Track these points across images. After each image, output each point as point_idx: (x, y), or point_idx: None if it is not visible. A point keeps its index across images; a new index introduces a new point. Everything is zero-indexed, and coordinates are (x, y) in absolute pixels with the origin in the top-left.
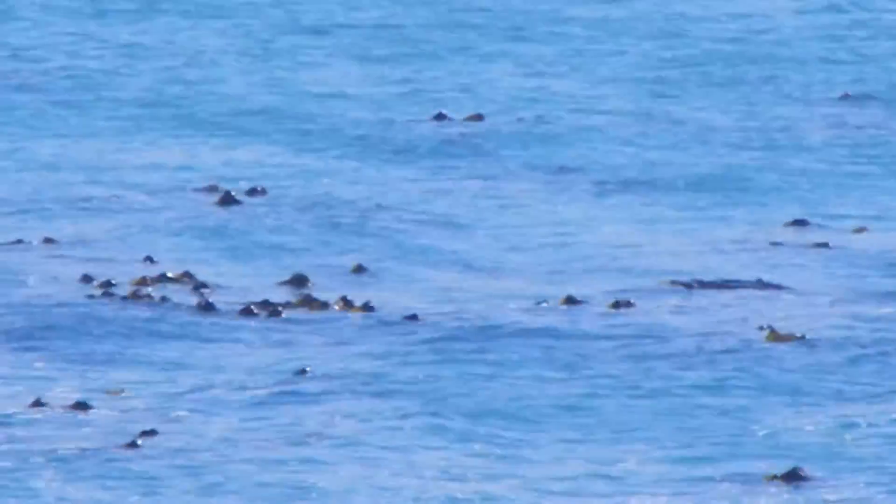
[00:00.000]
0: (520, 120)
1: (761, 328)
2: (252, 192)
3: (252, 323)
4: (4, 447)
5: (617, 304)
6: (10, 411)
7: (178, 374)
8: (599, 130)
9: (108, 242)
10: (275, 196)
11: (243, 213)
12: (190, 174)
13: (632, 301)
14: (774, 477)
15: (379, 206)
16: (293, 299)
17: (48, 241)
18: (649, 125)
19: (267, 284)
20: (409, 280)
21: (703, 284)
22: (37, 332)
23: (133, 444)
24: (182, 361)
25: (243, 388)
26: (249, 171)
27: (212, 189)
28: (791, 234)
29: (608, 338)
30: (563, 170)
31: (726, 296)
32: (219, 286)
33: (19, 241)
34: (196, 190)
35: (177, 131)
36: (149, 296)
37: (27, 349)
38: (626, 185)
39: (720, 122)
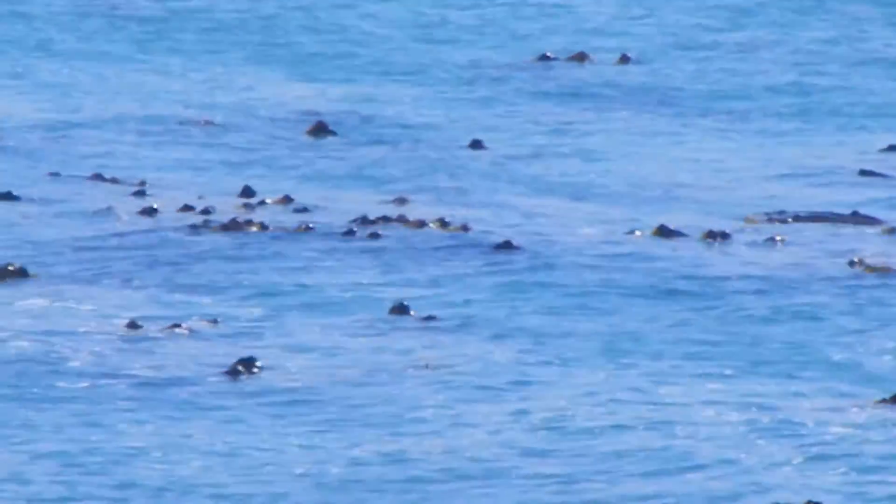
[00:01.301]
0: (620, 57)
1: (853, 262)
2: (347, 122)
3: (351, 246)
4: (97, 376)
5: (711, 235)
6: (106, 338)
7: (278, 299)
8: (692, 59)
9: (203, 172)
10: (371, 127)
11: (339, 142)
12: (284, 105)
13: (727, 231)
14: (883, 400)
15: (474, 139)
16: (391, 222)
17: (141, 181)
18: (740, 50)
19: (363, 210)
20: (505, 207)
21: (796, 215)
22: (135, 261)
23: (233, 371)
24: (283, 286)
25: (345, 313)
26: (344, 103)
27: (306, 118)
28: (886, 161)
29: (703, 268)
30: (652, 100)
31: (819, 227)
32: (317, 210)
33: (100, 177)
34: (290, 119)
35: (271, 64)
36: (248, 222)
37: (125, 279)
38: (714, 112)
39: (812, 45)
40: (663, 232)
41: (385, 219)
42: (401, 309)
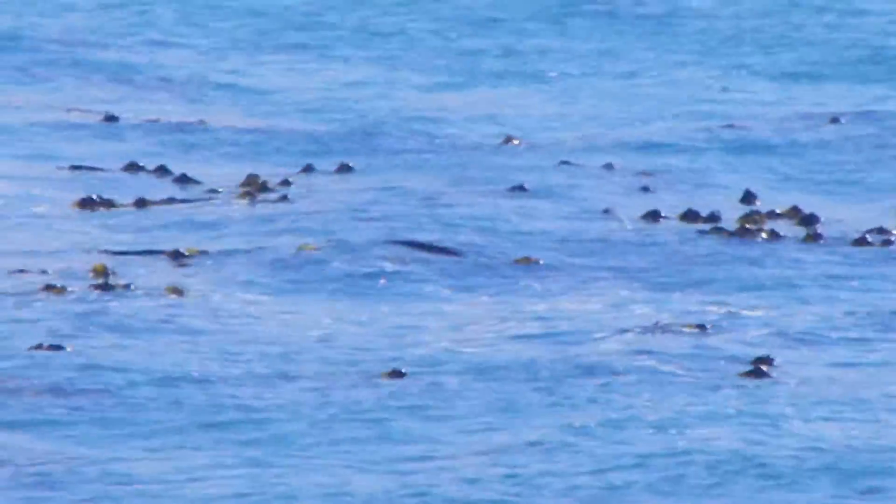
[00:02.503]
0: None
1: None
2: (852, 124)
3: (863, 252)
4: (615, 371)
5: None
6: (617, 335)
7: (790, 305)
8: None
9: (701, 174)
10: (877, 128)
11: (844, 144)
12: (784, 107)
13: None
14: None
15: None
16: None
17: (607, 167)
18: None
19: (876, 218)
20: None
21: None
22: (639, 260)
23: (752, 372)
24: (792, 292)
25: (850, 322)
26: (852, 106)
27: (803, 122)
28: None
29: None
30: None
31: None
32: (826, 219)
33: (607, 170)
34: (791, 121)
35: (779, 67)
36: (757, 229)
37: (631, 278)
38: None
39: None
40: None
41: None
42: None
